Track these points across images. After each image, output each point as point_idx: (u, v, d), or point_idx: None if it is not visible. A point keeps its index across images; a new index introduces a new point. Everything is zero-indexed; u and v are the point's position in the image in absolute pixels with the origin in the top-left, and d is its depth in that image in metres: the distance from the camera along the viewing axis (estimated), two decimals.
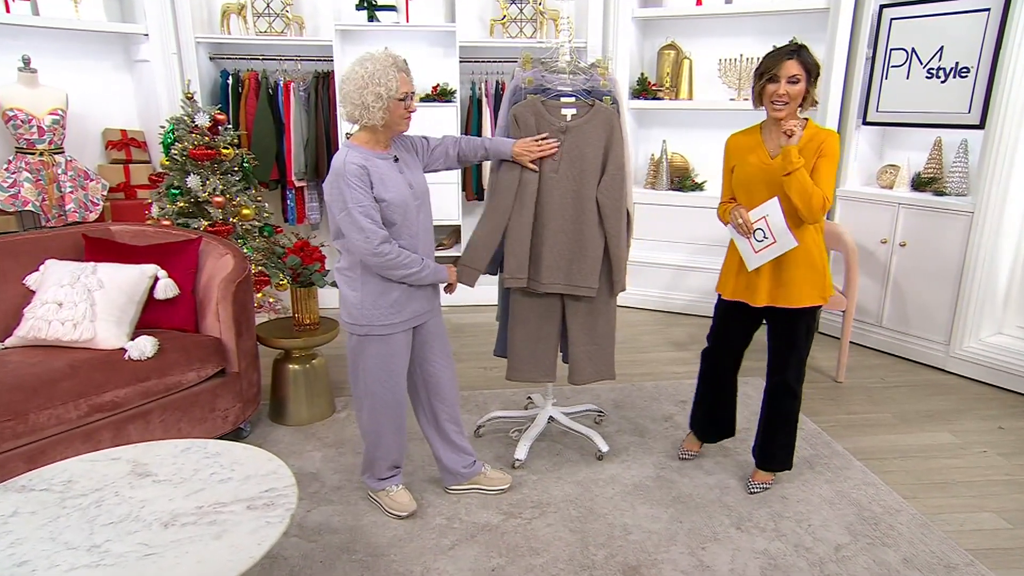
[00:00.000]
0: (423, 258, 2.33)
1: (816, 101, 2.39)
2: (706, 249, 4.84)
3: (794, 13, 4.49)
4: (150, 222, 3.86)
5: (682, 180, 5.00)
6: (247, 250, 4.04)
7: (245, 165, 4.18)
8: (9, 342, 2.71)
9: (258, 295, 4.19)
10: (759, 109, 2.46)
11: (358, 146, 2.26)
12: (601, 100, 2.64)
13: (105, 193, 4.24)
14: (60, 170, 3.98)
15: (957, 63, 3.83)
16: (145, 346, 2.68)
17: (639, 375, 3.90)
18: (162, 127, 4.08)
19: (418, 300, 2.39)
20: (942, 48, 3.89)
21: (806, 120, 2.43)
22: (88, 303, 2.70)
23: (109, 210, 4.31)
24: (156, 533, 1.61)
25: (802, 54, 2.33)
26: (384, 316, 2.32)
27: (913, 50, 4.03)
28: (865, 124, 4.34)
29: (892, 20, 4.11)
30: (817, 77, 2.36)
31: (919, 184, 4.14)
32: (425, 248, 2.39)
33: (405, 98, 2.24)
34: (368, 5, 4.71)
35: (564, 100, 2.64)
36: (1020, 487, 2.82)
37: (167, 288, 2.92)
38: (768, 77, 2.35)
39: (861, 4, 4.21)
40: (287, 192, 4.98)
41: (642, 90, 4.95)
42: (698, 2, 4.74)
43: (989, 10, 3.66)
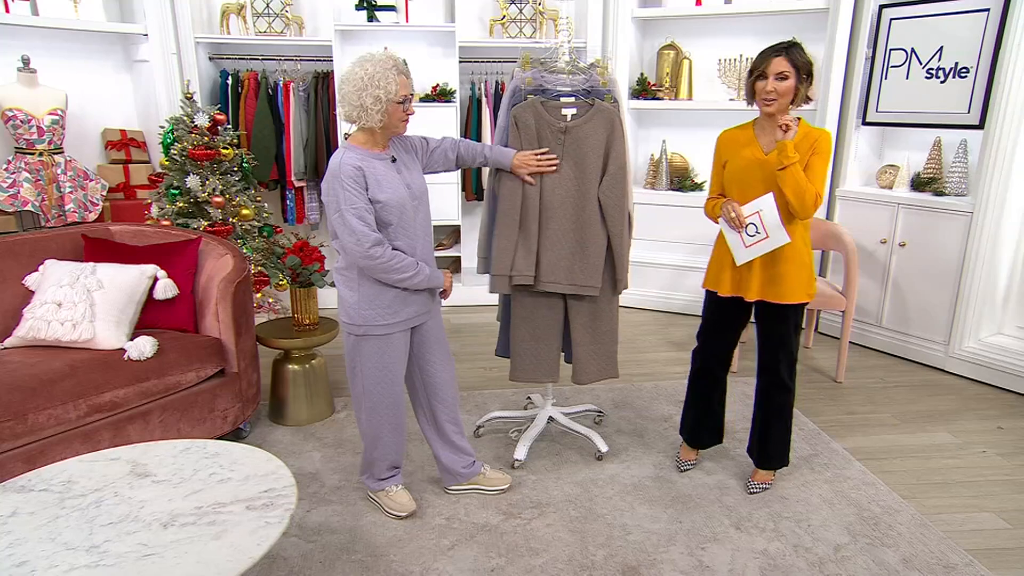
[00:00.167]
0: (418, 262, 2.31)
1: (809, 98, 2.41)
2: (706, 249, 4.75)
3: (794, 13, 4.50)
4: (149, 222, 3.85)
5: (682, 180, 5.00)
6: (246, 250, 4.04)
7: (245, 165, 4.17)
8: (8, 342, 2.71)
9: (257, 295, 4.19)
10: (752, 107, 2.49)
11: (356, 147, 2.26)
12: (602, 99, 2.64)
13: (104, 193, 4.24)
14: (59, 170, 3.98)
15: (957, 63, 3.83)
16: (144, 346, 2.68)
17: (638, 375, 3.90)
18: (161, 127, 4.08)
19: (416, 301, 2.38)
20: (941, 48, 3.89)
21: (798, 119, 2.45)
22: (87, 303, 2.70)
23: (109, 210, 4.31)
24: (155, 533, 1.61)
25: (791, 51, 2.35)
26: (382, 316, 2.31)
27: (913, 50, 4.03)
28: (865, 124, 4.34)
29: (892, 20, 4.11)
30: (809, 75, 2.37)
31: (918, 184, 4.14)
32: (424, 248, 2.39)
33: (404, 101, 2.23)
34: (368, 5, 4.71)
35: (564, 100, 2.64)
36: (1019, 487, 2.82)
37: (166, 288, 2.92)
38: (758, 74, 2.39)
39: (861, 4, 4.21)
40: (287, 192, 4.99)
41: (642, 90, 4.95)
42: (698, 2, 4.74)
43: (989, 10, 3.66)
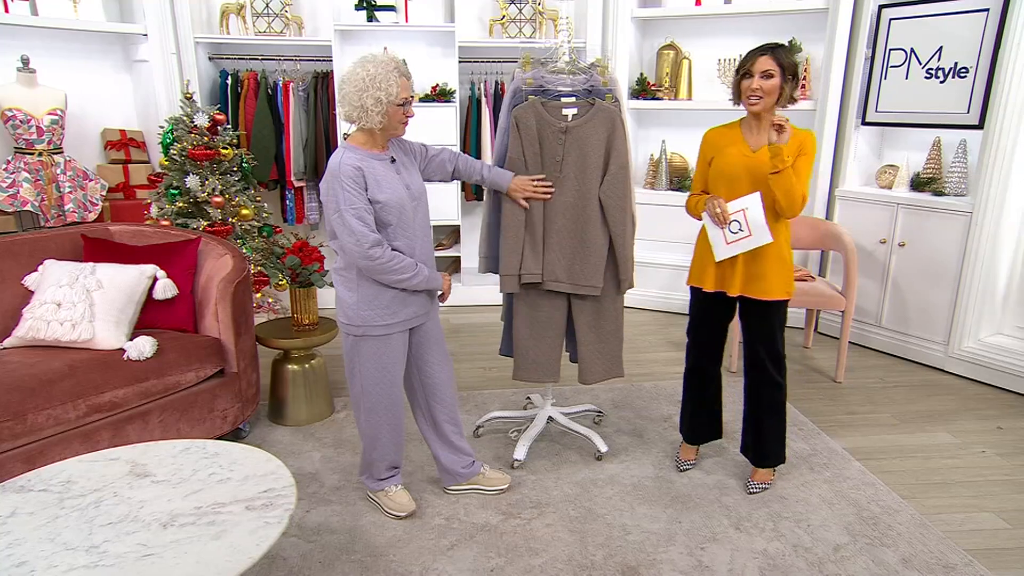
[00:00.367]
0: (417, 263, 2.31)
1: (795, 99, 2.44)
2: None
3: (793, 13, 4.50)
4: (149, 222, 3.85)
5: (681, 180, 5.00)
6: (246, 250, 4.04)
7: (244, 165, 4.17)
8: (8, 342, 2.71)
9: (257, 295, 4.19)
10: (738, 107, 2.52)
11: (355, 147, 2.26)
12: (603, 99, 2.64)
13: (104, 193, 4.24)
14: (59, 170, 3.98)
15: (956, 63, 3.83)
16: (144, 346, 2.68)
17: (638, 375, 3.90)
18: (161, 127, 4.08)
19: (415, 302, 2.38)
20: (941, 48, 3.90)
21: (787, 120, 2.46)
22: (87, 303, 2.70)
23: (108, 210, 4.31)
24: (155, 533, 1.61)
25: (776, 51, 2.38)
26: (380, 317, 2.31)
27: (912, 50, 4.03)
28: (864, 124, 4.34)
29: (891, 20, 4.11)
30: (795, 75, 2.40)
31: (918, 184, 4.14)
32: (423, 249, 2.39)
33: (404, 103, 2.23)
34: (367, 5, 4.71)
35: (564, 100, 2.64)
36: (1019, 487, 2.82)
37: (166, 288, 2.92)
38: (744, 72, 2.42)
39: (860, 4, 4.21)
40: (286, 192, 4.99)
41: (641, 90, 4.95)
42: (697, 2, 4.74)
43: (988, 10, 3.66)
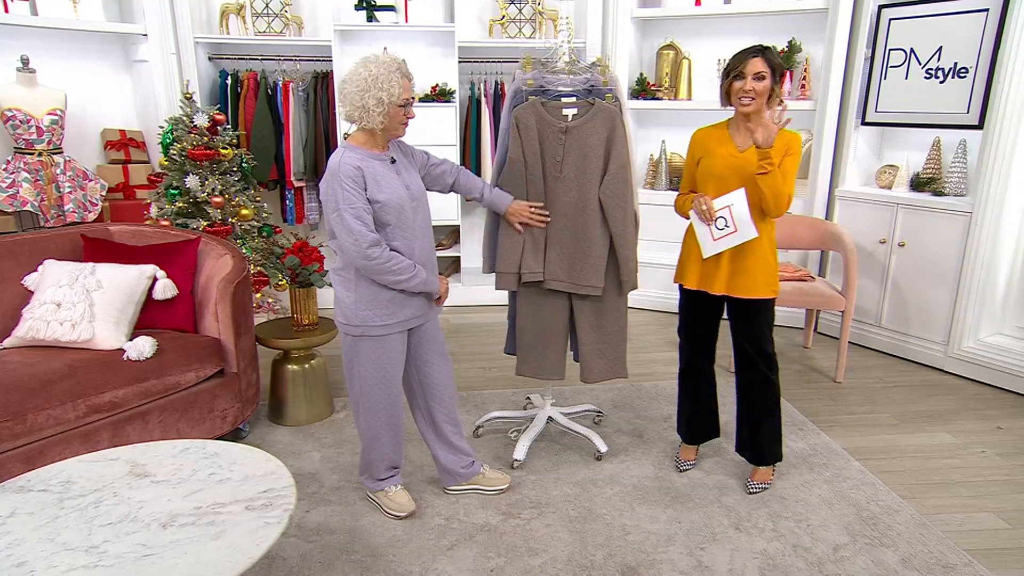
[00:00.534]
0: (415, 265, 2.31)
1: (782, 100, 2.46)
2: None
3: (793, 13, 4.50)
4: (149, 222, 3.85)
5: (681, 180, 4.99)
6: (246, 250, 4.04)
7: (244, 165, 4.17)
8: (7, 342, 2.71)
9: (257, 295, 4.18)
10: (726, 108, 2.53)
11: (355, 147, 2.26)
12: (603, 99, 2.64)
13: (104, 193, 4.24)
14: (59, 170, 3.98)
15: (956, 63, 3.83)
16: (144, 346, 2.68)
17: (638, 375, 3.90)
18: (161, 127, 4.08)
19: (414, 303, 2.38)
20: (941, 48, 3.90)
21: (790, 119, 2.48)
22: (87, 303, 2.70)
23: (108, 210, 4.31)
24: (154, 534, 1.61)
25: (767, 53, 2.41)
26: (379, 317, 2.31)
27: (912, 50, 4.03)
28: (864, 124, 4.34)
29: (891, 20, 4.11)
30: (782, 77, 2.45)
31: (918, 184, 4.14)
32: (423, 249, 2.39)
33: (405, 104, 2.23)
34: (367, 5, 4.71)
35: (564, 100, 2.64)
36: (1018, 487, 2.82)
37: (166, 288, 2.92)
38: (735, 74, 2.44)
39: (860, 4, 4.21)
40: (286, 192, 4.98)
41: (641, 90, 4.95)
42: (697, 2, 4.74)
43: (988, 10, 3.66)
